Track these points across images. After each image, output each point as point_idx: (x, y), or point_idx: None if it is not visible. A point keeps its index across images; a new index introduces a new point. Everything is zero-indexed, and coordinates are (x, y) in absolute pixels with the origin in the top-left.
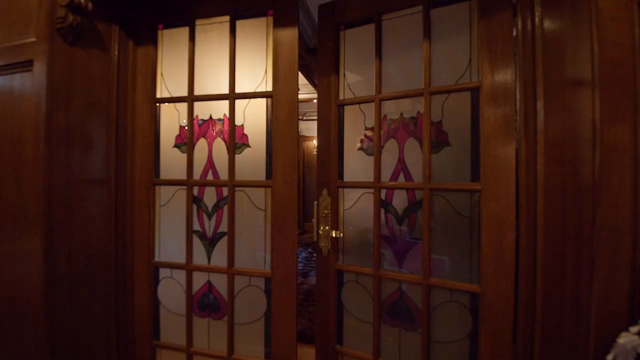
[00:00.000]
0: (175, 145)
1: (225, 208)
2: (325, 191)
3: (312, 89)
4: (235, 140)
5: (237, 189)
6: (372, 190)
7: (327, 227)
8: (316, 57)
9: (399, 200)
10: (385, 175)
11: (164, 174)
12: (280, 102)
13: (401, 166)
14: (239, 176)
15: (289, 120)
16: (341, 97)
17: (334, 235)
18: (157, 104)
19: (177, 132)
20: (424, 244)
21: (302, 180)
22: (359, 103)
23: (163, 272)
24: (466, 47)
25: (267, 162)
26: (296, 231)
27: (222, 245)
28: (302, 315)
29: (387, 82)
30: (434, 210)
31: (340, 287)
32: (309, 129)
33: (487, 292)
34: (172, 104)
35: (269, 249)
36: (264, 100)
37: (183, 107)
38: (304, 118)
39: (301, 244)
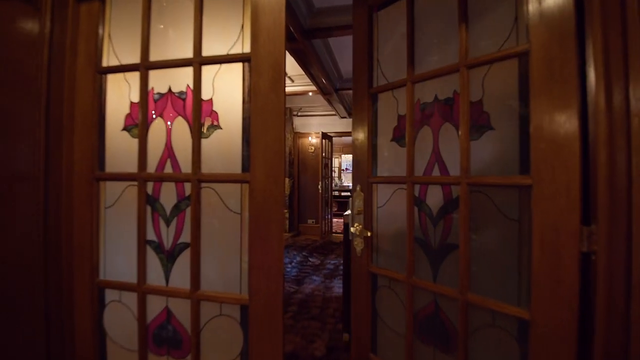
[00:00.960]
0: (125, 128)
1: (188, 211)
2: (359, 187)
3: (308, 80)
4: (202, 119)
5: (203, 185)
6: (405, 186)
7: (360, 226)
8: (311, 42)
9: (434, 198)
10: (419, 168)
11: (111, 166)
12: (262, 66)
13: (436, 157)
14: (207, 168)
15: (274, 90)
16: (375, 84)
17: (368, 234)
18: (103, 75)
19: (127, 110)
20: (461, 251)
21: (297, 178)
22: (392, 89)
23: (110, 295)
24: (510, 3)
25: (244, 149)
26: (283, 242)
27: (184, 260)
28: (294, 332)
29: (421, 63)
30: (474, 210)
31: (375, 291)
32: (305, 124)
33: (539, 321)
34: (121, 74)
35: (246, 267)
36: (239, 65)
37: (135, 77)
38: (299, 114)
39: (296, 246)
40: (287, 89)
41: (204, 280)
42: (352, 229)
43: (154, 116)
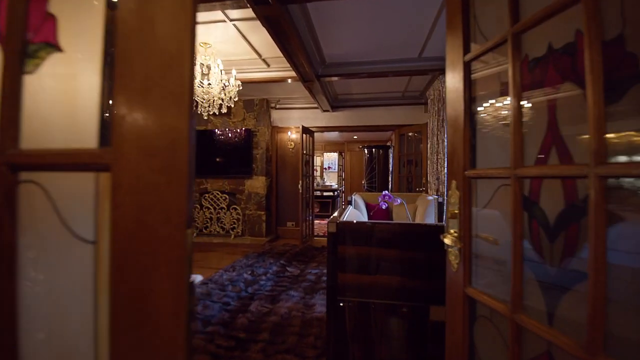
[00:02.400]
0: None
1: None
2: (454, 183)
3: (286, 64)
4: (27, 34)
5: (22, 176)
6: (509, 181)
7: (456, 234)
8: (287, 7)
9: (550, 198)
10: (530, 155)
11: None
12: None
13: (552, 137)
14: (31, 139)
15: None
16: (472, 49)
17: (461, 245)
18: None
19: None
20: (592, 284)
21: (275, 177)
22: (491, 49)
23: None
24: None
25: (107, 95)
26: (186, 315)
27: None
28: None
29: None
30: (613, 219)
31: (473, 320)
32: (283, 118)
33: None
34: None
35: None
36: None
37: None
38: (277, 106)
39: (273, 253)
40: (263, 75)
41: None
42: (445, 239)
43: None
